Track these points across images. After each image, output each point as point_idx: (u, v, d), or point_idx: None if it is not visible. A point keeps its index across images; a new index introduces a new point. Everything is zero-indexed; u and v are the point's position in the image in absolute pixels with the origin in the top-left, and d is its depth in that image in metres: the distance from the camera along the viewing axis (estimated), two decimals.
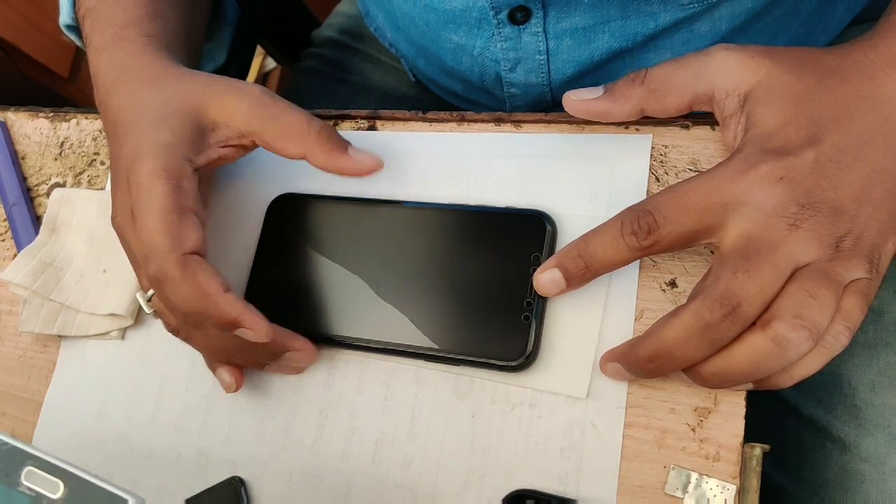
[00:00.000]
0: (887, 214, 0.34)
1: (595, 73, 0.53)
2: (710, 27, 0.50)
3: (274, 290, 0.44)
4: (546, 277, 0.37)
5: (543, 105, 0.55)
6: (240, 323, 0.38)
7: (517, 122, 0.44)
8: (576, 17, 0.49)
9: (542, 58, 0.51)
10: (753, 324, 0.33)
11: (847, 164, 0.34)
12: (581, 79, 0.53)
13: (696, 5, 0.48)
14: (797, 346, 0.33)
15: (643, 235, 0.35)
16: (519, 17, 0.49)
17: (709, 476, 0.36)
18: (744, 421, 0.36)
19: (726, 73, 0.37)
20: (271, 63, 1.36)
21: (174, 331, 0.42)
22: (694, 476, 0.36)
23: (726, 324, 0.33)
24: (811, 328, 0.32)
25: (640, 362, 0.35)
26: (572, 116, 0.43)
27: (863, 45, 0.37)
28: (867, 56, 0.37)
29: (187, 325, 0.41)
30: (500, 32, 0.50)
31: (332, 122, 0.49)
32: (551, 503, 0.37)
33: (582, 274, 0.37)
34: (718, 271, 0.34)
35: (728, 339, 0.33)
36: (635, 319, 0.39)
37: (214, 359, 0.43)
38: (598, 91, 0.39)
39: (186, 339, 0.42)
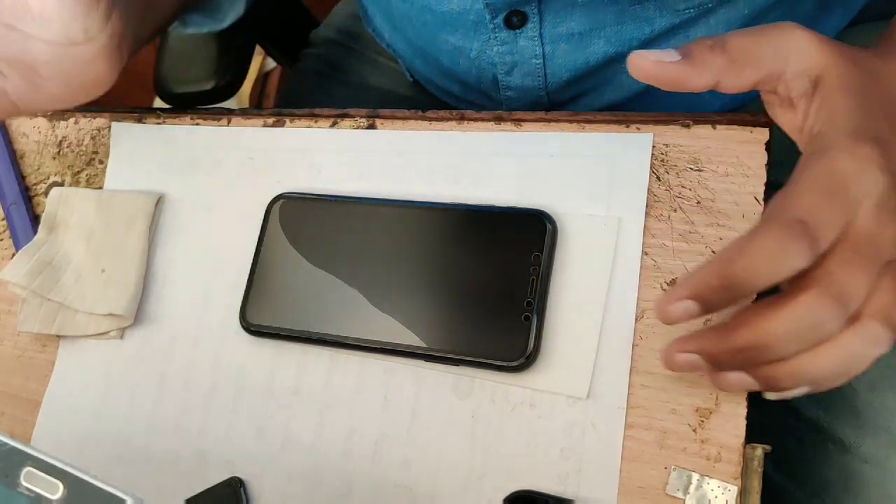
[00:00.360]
0: None
1: (591, 78, 0.53)
2: (706, 33, 0.50)
3: (273, 290, 0.44)
4: (679, 308, 0.32)
5: (540, 108, 0.56)
6: None
7: (517, 121, 0.44)
8: (572, 22, 0.49)
9: (538, 62, 0.51)
10: None
11: None
12: (577, 83, 0.53)
13: (691, 11, 0.48)
14: (884, 346, 0.31)
15: (810, 254, 0.30)
16: (515, 21, 0.49)
17: (710, 477, 0.36)
18: (745, 422, 0.36)
19: (803, 53, 0.35)
20: (271, 63, 1.36)
21: None
22: (695, 477, 0.36)
23: (835, 323, 0.31)
24: (893, 330, 0.31)
25: (730, 354, 0.33)
26: (572, 115, 0.43)
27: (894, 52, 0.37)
28: None
29: None
30: (496, 36, 0.50)
31: (331, 121, 0.48)
32: (548, 503, 0.37)
33: (727, 303, 0.32)
34: (829, 265, 0.31)
35: (827, 337, 0.31)
36: (636, 320, 0.39)
37: None
38: (673, 55, 0.35)
39: None
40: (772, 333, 0.31)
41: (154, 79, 0.89)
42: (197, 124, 0.51)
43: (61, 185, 0.53)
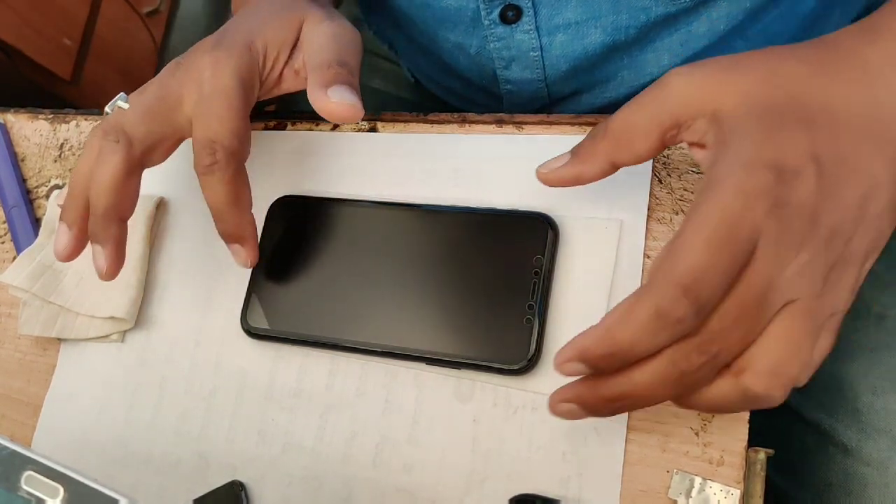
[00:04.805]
0: (875, 231, 0.31)
1: (591, 71, 0.53)
2: (709, 28, 0.50)
3: (274, 293, 0.44)
4: (568, 368, 0.31)
5: (541, 101, 0.55)
6: (244, 242, 0.42)
7: (519, 124, 0.44)
8: (567, 13, 0.49)
9: (535, 54, 0.51)
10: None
11: (845, 179, 0.30)
12: (577, 75, 0.53)
13: (687, 0, 0.48)
14: (767, 402, 0.30)
15: (693, 321, 0.29)
16: (511, 15, 0.49)
17: (712, 481, 0.35)
18: (748, 425, 0.36)
19: (686, 98, 0.33)
20: None
21: (102, 138, 0.42)
22: (697, 480, 0.36)
23: (703, 372, 0.30)
24: (787, 383, 0.30)
25: (601, 402, 0.32)
26: (575, 117, 0.43)
27: (858, 37, 0.33)
28: (863, 52, 0.33)
29: (131, 152, 0.41)
30: (493, 32, 0.50)
31: (332, 124, 0.48)
32: (535, 503, 0.37)
33: (616, 367, 0.31)
34: (710, 323, 0.29)
35: (701, 384, 0.31)
36: None
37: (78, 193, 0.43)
38: (565, 157, 0.37)
39: (99, 154, 0.41)
40: (637, 385, 0.30)
41: None
42: None
43: (62, 187, 0.53)
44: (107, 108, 0.44)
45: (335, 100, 0.40)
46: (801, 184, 0.29)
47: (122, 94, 0.44)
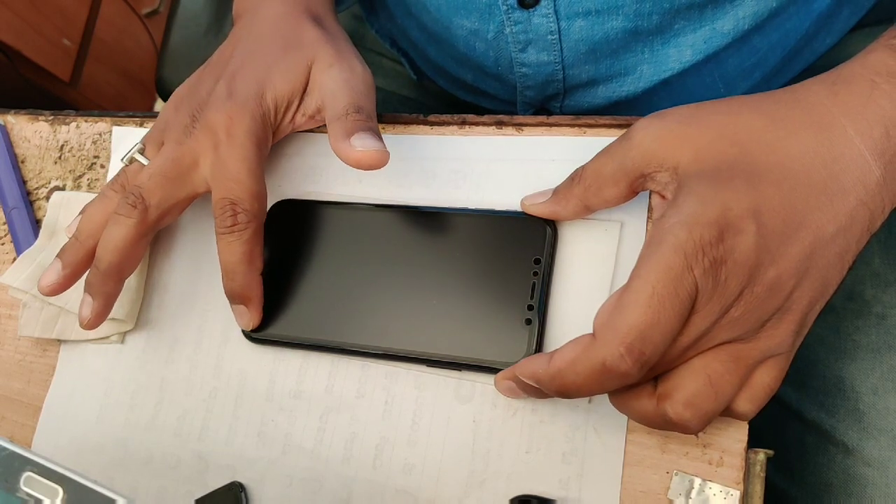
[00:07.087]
0: (820, 282, 0.33)
1: (610, 58, 0.52)
2: (734, 26, 0.49)
3: (274, 296, 0.44)
4: (513, 390, 0.37)
5: (555, 87, 0.54)
6: (249, 303, 0.43)
7: (519, 126, 0.44)
8: (588, 2, 0.48)
9: (553, 37, 0.50)
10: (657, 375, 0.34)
11: (790, 235, 0.32)
12: (595, 58, 0.52)
13: None
14: (682, 429, 0.33)
15: (636, 376, 0.32)
16: (529, 1, 0.48)
17: (712, 481, 0.35)
18: (747, 426, 0.36)
19: (647, 151, 0.35)
20: None
21: (121, 195, 0.43)
22: (697, 481, 0.36)
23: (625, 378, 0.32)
24: (703, 415, 0.32)
25: (545, 387, 0.35)
26: (574, 119, 0.43)
27: (819, 89, 0.35)
28: (823, 103, 0.34)
29: (146, 212, 0.42)
30: (510, 17, 0.50)
31: None
32: (530, 503, 0.37)
33: (562, 397, 0.35)
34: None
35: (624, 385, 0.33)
36: None
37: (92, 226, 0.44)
38: (547, 194, 0.40)
39: (115, 213, 0.42)
40: (571, 384, 0.33)
41: (156, 80, 0.89)
42: None
43: (62, 189, 0.53)
44: (123, 159, 0.45)
45: (360, 148, 0.40)
46: (741, 242, 0.31)
47: (138, 143, 0.45)
